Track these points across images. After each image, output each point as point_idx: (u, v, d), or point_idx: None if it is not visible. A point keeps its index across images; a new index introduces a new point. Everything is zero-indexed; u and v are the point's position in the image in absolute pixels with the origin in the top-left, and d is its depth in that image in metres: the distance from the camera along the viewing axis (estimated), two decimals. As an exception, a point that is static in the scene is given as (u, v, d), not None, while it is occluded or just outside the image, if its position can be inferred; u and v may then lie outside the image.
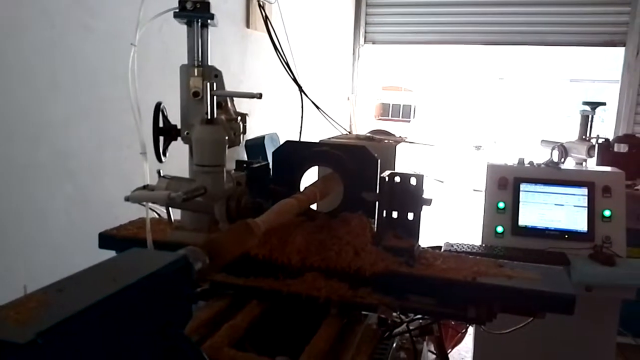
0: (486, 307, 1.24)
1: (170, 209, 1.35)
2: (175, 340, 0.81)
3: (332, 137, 2.57)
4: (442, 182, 5.37)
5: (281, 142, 4.30)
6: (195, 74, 1.38)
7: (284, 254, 1.37)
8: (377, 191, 1.39)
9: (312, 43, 5.32)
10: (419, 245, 1.42)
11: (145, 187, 1.32)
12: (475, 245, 2.63)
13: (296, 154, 1.54)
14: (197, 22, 1.36)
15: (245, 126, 1.46)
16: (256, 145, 4.01)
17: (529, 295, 1.21)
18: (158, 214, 1.58)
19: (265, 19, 4.10)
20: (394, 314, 1.28)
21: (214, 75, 1.42)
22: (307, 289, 1.32)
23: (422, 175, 1.39)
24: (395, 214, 1.41)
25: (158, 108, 1.36)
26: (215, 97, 1.34)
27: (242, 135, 1.28)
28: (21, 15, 1.96)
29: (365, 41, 7.32)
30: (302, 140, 1.56)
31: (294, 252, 1.36)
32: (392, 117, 26.07)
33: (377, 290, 1.31)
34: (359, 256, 1.34)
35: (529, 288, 1.22)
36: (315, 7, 5.43)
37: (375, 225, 1.39)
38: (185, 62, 1.40)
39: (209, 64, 1.45)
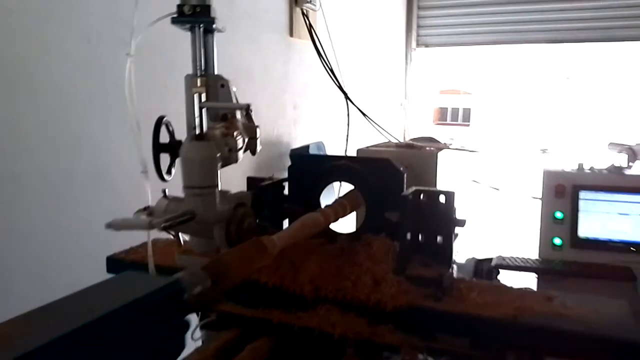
0: (529, 352, 1.03)
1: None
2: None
3: (371, 146, 2.40)
4: (497, 189, 5.04)
5: (327, 151, 4.18)
6: (198, 84, 1.25)
7: (296, 283, 1.22)
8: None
9: (360, 49, 5.16)
10: (451, 274, 1.22)
11: (146, 209, 1.21)
12: (531, 259, 2.38)
13: (313, 170, 1.38)
14: (199, 27, 1.24)
15: (255, 140, 1.32)
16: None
17: (584, 340, 0.99)
18: (174, 235, 1.47)
19: (309, 27, 3.99)
20: (420, 356, 1.10)
21: (220, 85, 1.29)
22: (320, 324, 1.16)
23: (453, 193, 1.20)
24: (422, 237, 1.23)
25: (159, 123, 1.24)
26: (217, 109, 1.22)
27: (238, 152, 1.14)
28: (55, 31, 1.92)
29: (417, 45, 7.07)
30: (320, 154, 1.41)
31: (306, 280, 1.21)
32: (450, 121, 25.37)
33: (400, 327, 1.13)
34: (378, 287, 1.16)
35: (585, 331, 1.00)
36: (363, 13, 5.27)
37: (398, 251, 1.21)
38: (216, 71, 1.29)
39: (216, 72, 1.32)
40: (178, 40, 1.31)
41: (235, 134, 1.14)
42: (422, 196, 1.21)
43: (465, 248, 4.59)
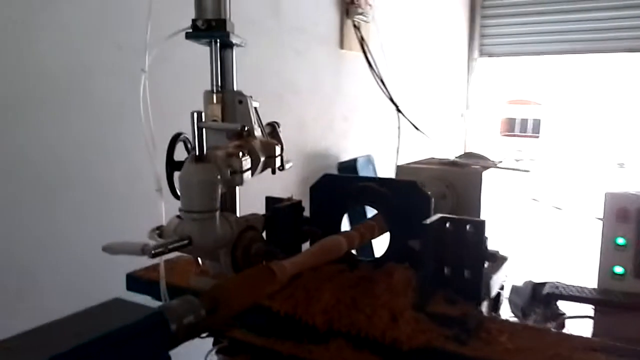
0: (563, 412, 0.89)
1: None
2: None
3: (412, 162, 2.28)
4: (560, 209, 4.72)
5: (377, 164, 4.07)
6: (214, 100, 1.21)
7: (308, 313, 1.13)
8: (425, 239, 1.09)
9: (416, 59, 5.02)
10: (480, 312, 1.09)
11: (159, 229, 1.17)
12: (587, 288, 2.17)
13: (335, 191, 1.30)
14: (215, 42, 1.19)
15: (274, 159, 1.26)
16: (348, 169, 3.81)
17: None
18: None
19: (361, 40, 3.93)
20: (438, 405, 0.98)
21: (238, 101, 1.24)
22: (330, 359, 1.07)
23: (483, 222, 1.07)
24: (448, 270, 1.11)
25: (175, 140, 1.20)
26: (225, 129, 1.16)
27: (244, 174, 1.07)
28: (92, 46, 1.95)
29: (480, 54, 6.82)
30: (342, 174, 1.32)
31: (319, 311, 1.12)
32: (519, 132, 24.40)
33: (418, 370, 1.02)
34: (396, 323, 1.05)
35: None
36: (420, 23, 5.13)
37: (420, 284, 1.09)
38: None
39: (235, 88, 1.28)
40: (205, 53, 1.27)
41: (242, 153, 1.07)
42: (448, 224, 1.09)
43: (523, 270, 4.33)
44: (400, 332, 1.03)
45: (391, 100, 4.05)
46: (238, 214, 1.28)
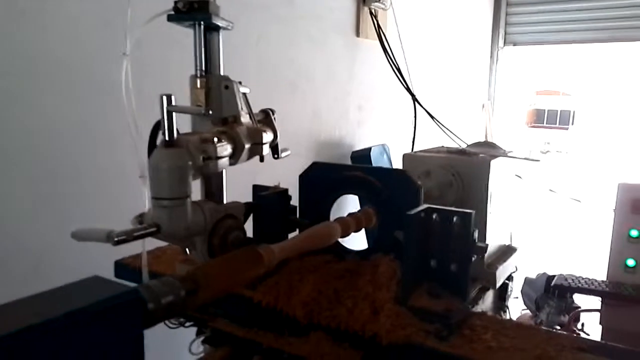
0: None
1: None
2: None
3: (419, 151, 2.23)
4: (579, 201, 4.57)
5: (392, 154, 4.00)
6: (198, 85, 1.17)
7: (290, 305, 1.10)
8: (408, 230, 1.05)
9: (436, 48, 4.90)
10: (466, 307, 1.05)
11: (141, 216, 1.15)
12: (597, 281, 2.09)
13: (324, 179, 1.26)
14: (199, 25, 1.16)
15: (261, 146, 1.22)
16: (361, 158, 3.76)
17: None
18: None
19: (378, 27, 3.85)
20: (416, 402, 0.94)
21: (224, 86, 1.20)
22: (310, 354, 1.04)
23: (471, 213, 1.02)
24: (434, 262, 1.06)
25: (158, 126, 1.18)
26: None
27: (219, 160, 1.03)
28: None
29: (505, 43, 6.63)
30: (331, 162, 1.29)
31: (299, 303, 1.09)
32: (547, 124, 23.86)
33: (397, 366, 0.98)
34: (377, 317, 1.02)
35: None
36: (441, 10, 5.01)
37: (402, 276, 1.05)
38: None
39: (221, 72, 1.24)
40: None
41: (219, 139, 1.04)
42: (434, 215, 1.05)
43: (538, 262, 4.23)
44: (380, 326, 0.99)
45: (408, 89, 3.97)
46: (225, 202, 1.26)
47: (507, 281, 1.86)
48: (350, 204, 1.48)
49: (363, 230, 1.21)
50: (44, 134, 1.83)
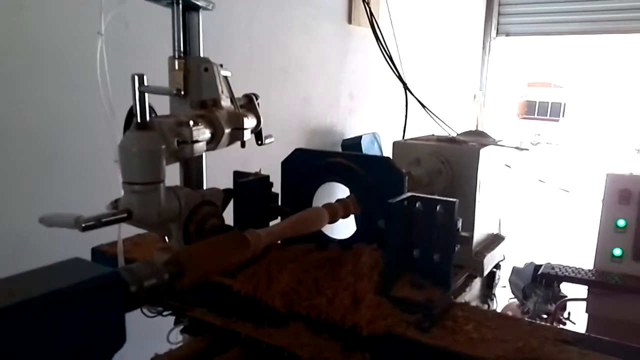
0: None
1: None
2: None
3: (410, 139, 2.20)
4: (567, 191, 4.59)
5: (382, 142, 3.97)
6: (176, 67, 1.13)
7: (269, 295, 1.07)
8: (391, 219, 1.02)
9: (427, 37, 4.87)
10: (449, 298, 1.02)
11: (117, 201, 1.11)
12: (584, 269, 2.10)
13: (306, 166, 1.22)
14: (177, 4, 1.11)
15: (242, 131, 1.18)
16: (352, 146, 3.73)
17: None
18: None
19: (370, 15, 3.79)
20: (396, 394, 0.92)
21: (204, 69, 1.16)
22: (288, 344, 1.02)
23: (454, 202, 1.00)
24: (417, 252, 1.04)
25: (131, 112, 1.13)
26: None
27: (194, 144, 0.99)
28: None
29: (497, 33, 6.59)
30: (314, 149, 1.25)
31: (278, 293, 1.06)
32: (538, 115, 23.92)
33: (378, 357, 0.96)
34: (357, 307, 0.99)
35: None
36: (434, -1, 4.97)
37: (383, 266, 1.02)
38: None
39: (201, 54, 1.20)
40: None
41: (195, 123, 1.00)
42: (417, 204, 1.02)
43: (526, 251, 4.24)
44: (360, 316, 0.97)
45: (399, 78, 3.93)
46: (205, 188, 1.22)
47: (494, 269, 1.86)
48: (339, 192, 1.46)
49: (352, 217, 1.19)
50: (18, 116, 1.78)
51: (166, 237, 1.19)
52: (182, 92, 1.07)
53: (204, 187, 1.22)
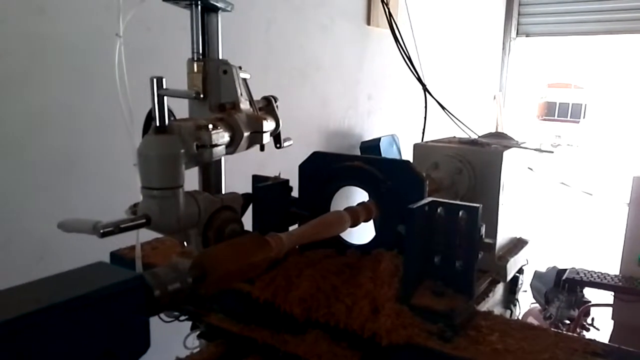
0: None
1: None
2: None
3: (430, 141, 2.17)
4: (590, 194, 4.50)
5: (401, 145, 3.93)
6: (195, 69, 1.12)
7: (287, 301, 1.05)
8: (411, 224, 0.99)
9: (447, 38, 4.82)
10: (471, 307, 0.99)
11: (135, 206, 1.11)
12: (610, 275, 2.04)
13: (324, 170, 1.20)
14: (197, 5, 1.10)
15: (261, 134, 1.17)
16: (370, 148, 3.70)
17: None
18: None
19: (389, 16, 3.76)
20: (417, 406, 0.89)
21: (223, 71, 1.15)
22: (305, 353, 1.00)
23: (477, 207, 0.97)
24: (438, 259, 1.01)
25: (150, 116, 1.13)
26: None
27: (214, 148, 0.98)
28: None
29: (517, 34, 6.50)
30: (332, 152, 1.23)
31: (297, 299, 1.04)
32: (558, 117, 23.57)
33: (397, 367, 0.93)
34: (376, 316, 0.97)
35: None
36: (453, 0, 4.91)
37: (403, 273, 1.00)
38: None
39: (220, 57, 1.19)
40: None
41: (214, 126, 0.99)
42: (439, 209, 0.99)
43: (548, 256, 4.16)
44: (379, 325, 0.94)
45: (419, 79, 3.89)
46: (224, 192, 1.21)
47: (517, 274, 1.82)
48: (358, 197, 1.44)
49: (370, 222, 1.17)
50: (39, 119, 1.79)
51: (184, 242, 1.18)
52: (202, 95, 1.06)
53: (223, 192, 1.21)
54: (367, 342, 0.96)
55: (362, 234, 1.21)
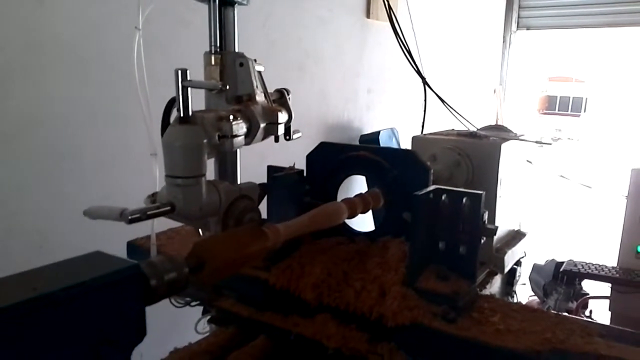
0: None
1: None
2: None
3: (429, 133, 2.20)
4: (589, 187, 4.54)
5: (401, 138, 3.94)
6: (212, 62, 1.16)
7: (299, 287, 1.09)
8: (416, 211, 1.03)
9: (447, 31, 4.84)
10: (474, 290, 1.04)
11: (154, 195, 1.14)
12: (607, 267, 2.08)
13: (331, 159, 1.24)
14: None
15: (277, 126, 1.20)
16: (370, 141, 3.73)
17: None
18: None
19: (389, 8, 3.79)
20: (422, 384, 0.94)
21: (239, 64, 1.18)
22: (315, 334, 1.04)
23: (481, 194, 1.01)
24: (443, 245, 1.05)
25: (172, 104, 1.16)
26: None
27: (234, 139, 1.01)
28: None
29: (518, 27, 6.51)
30: (339, 142, 1.27)
31: (310, 285, 1.08)
32: (559, 111, 23.56)
33: (404, 348, 0.98)
34: (384, 299, 1.01)
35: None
36: (453, -8, 4.93)
37: (408, 258, 1.04)
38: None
39: (236, 49, 1.22)
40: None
41: (234, 117, 1.03)
42: (443, 197, 1.03)
43: (547, 249, 4.20)
44: (386, 307, 0.99)
45: (418, 73, 3.92)
46: (240, 182, 1.24)
47: (515, 266, 1.85)
48: (360, 186, 1.47)
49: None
50: (49, 110, 1.82)
51: (200, 231, 1.22)
52: (227, 87, 1.08)
53: (238, 182, 1.25)
54: (374, 324, 1.00)
55: (369, 220, 1.25)
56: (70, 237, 1.83)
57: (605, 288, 2.41)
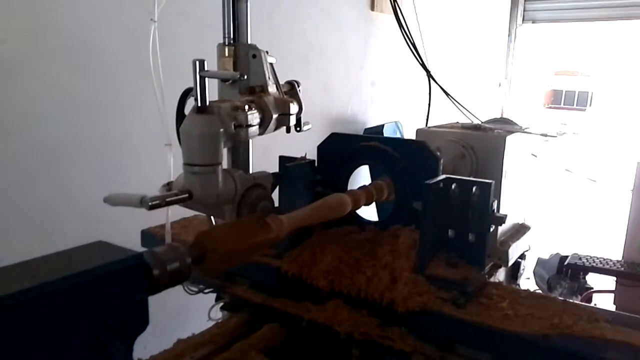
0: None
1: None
2: (109, 348, 0.67)
3: (434, 126, 2.22)
4: (595, 181, 4.54)
5: (405, 132, 3.94)
6: (226, 53, 1.18)
7: (312, 275, 1.12)
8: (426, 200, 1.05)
9: (452, 23, 4.83)
10: (483, 276, 1.06)
11: (169, 184, 1.17)
12: (612, 260, 2.09)
13: (342, 150, 1.27)
14: (227, -9, 1.16)
15: (288, 117, 1.23)
16: (374, 135, 3.74)
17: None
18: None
19: (393, 1, 3.79)
20: (432, 367, 0.96)
21: (252, 55, 1.20)
22: (326, 320, 1.06)
23: (490, 183, 1.03)
24: (452, 232, 1.07)
25: (186, 95, 1.18)
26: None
27: (249, 128, 1.04)
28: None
29: (523, 20, 6.49)
30: (350, 133, 1.29)
31: (322, 272, 1.11)
32: (564, 105, 23.48)
33: (414, 333, 1.00)
34: (395, 285, 1.03)
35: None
36: (459, -15, 4.92)
37: (420, 245, 1.06)
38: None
39: (249, 42, 1.24)
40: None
41: (249, 108, 1.05)
42: (453, 186, 1.05)
43: (552, 242, 4.20)
44: (397, 293, 1.01)
45: (423, 66, 3.92)
46: (251, 172, 1.27)
47: (519, 259, 1.86)
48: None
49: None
50: (60, 99, 1.84)
51: (212, 219, 1.24)
52: (245, 77, 1.10)
53: (251, 171, 1.27)
54: (385, 310, 1.03)
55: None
56: (75, 233, 1.85)
57: (609, 282, 2.43)
